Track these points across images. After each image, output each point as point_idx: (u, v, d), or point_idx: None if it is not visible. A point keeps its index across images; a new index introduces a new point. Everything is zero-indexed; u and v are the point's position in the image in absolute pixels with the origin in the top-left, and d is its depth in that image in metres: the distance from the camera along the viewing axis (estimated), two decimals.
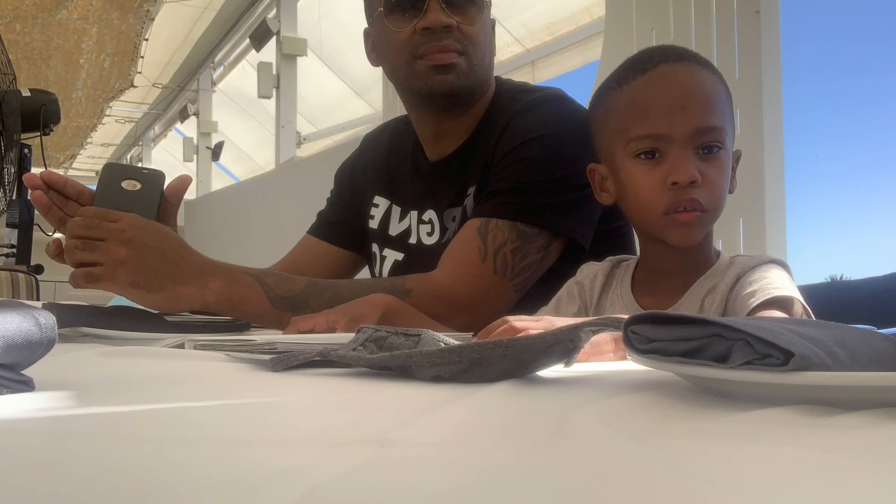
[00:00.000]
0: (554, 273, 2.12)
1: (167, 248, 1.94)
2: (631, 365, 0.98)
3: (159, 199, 2.04)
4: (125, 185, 2.01)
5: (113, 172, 2.03)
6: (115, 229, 1.88)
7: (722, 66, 3.11)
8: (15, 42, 8.48)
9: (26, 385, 0.86)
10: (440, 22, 2.19)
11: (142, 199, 2.01)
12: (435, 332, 1.16)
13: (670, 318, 0.90)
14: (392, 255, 2.45)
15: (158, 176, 2.08)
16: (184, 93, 13.13)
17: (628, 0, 3.63)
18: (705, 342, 0.85)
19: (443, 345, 1.09)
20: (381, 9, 2.25)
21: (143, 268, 1.90)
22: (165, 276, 1.92)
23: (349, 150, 2.76)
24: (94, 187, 2.05)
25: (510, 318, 1.42)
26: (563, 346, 1.02)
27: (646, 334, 0.91)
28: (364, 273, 2.63)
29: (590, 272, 1.96)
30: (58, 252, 1.95)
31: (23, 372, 0.87)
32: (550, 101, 2.27)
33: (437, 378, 1.01)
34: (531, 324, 1.40)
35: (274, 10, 9.11)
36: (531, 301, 2.07)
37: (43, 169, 2.17)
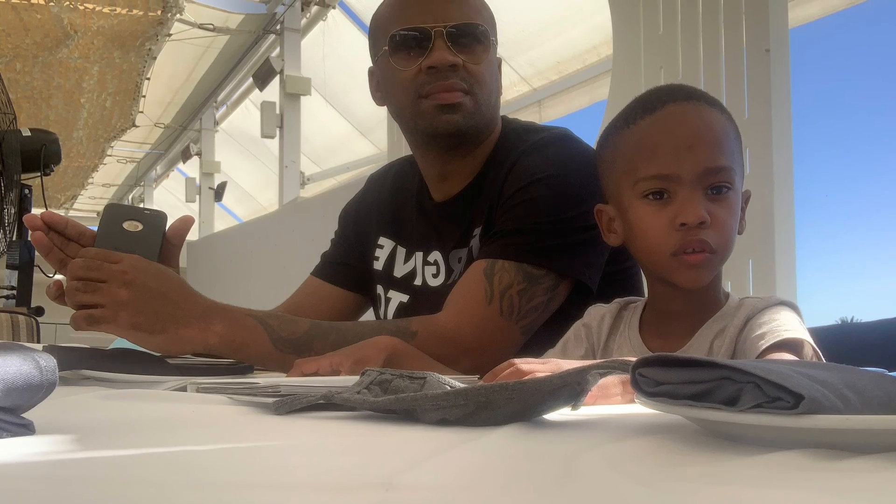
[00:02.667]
0: (560, 315, 2.11)
1: (169, 290, 1.92)
2: (639, 408, 0.97)
3: (161, 240, 2.03)
4: (127, 225, 2.01)
5: (114, 213, 2.03)
6: (117, 271, 1.87)
7: (731, 104, 3.12)
8: (15, 81, 8.51)
9: (26, 428, 0.85)
10: (446, 61, 2.18)
11: (143, 240, 2.00)
12: (440, 375, 1.15)
13: (678, 360, 0.89)
14: (397, 297, 2.44)
15: (160, 217, 2.07)
16: (186, 132, 13.17)
17: (636, 39, 3.64)
18: (714, 385, 0.84)
19: (448, 388, 1.08)
20: (386, 47, 2.25)
21: (145, 310, 1.89)
22: (167, 318, 1.91)
23: (353, 191, 2.74)
24: (95, 228, 2.04)
25: (516, 360, 1.41)
26: (570, 389, 1.01)
27: (654, 377, 0.90)
28: (369, 315, 2.62)
29: (597, 314, 1.95)
30: (59, 294, 1.94)
31: (23, 415, 0.86)
32: (557, 141, 2.27)
33: (443, 421, 1.00)
34: (537, 367, 1.39)
35: (277, 49, 9.14)
36: (537, 343, 2.06)
37: (43, 209, 2.16)
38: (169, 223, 2.08)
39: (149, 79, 9.28)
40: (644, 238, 1.74)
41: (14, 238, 4.34)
